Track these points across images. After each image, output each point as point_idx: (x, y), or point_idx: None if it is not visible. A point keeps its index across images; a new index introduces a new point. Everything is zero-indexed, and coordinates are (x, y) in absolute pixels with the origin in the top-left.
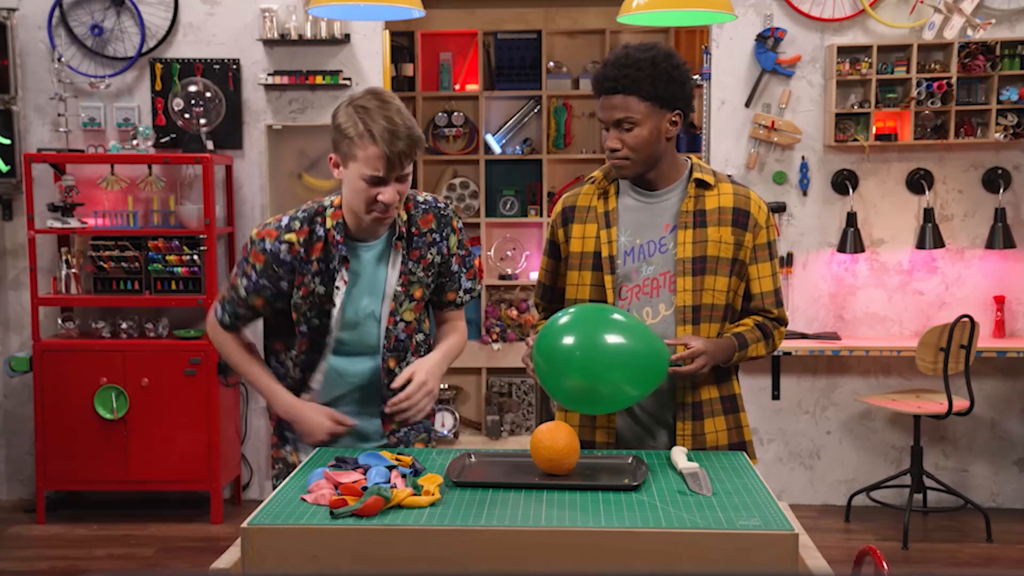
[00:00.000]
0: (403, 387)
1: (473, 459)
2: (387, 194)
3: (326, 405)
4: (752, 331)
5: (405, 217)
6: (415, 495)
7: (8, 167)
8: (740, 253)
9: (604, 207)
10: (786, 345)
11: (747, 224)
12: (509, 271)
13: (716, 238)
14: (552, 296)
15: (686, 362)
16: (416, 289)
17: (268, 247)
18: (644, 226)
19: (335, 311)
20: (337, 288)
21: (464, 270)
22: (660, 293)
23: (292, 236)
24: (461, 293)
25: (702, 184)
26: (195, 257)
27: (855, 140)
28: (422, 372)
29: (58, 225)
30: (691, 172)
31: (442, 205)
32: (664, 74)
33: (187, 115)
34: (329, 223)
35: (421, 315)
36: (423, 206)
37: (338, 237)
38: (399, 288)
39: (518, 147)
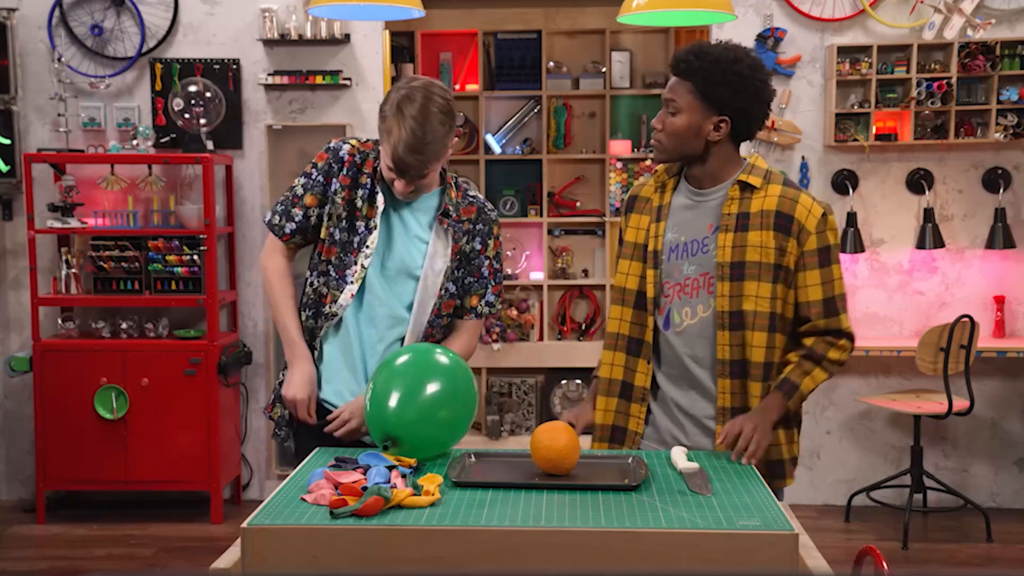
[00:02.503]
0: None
1: (473, 459)
2: (399, 185)
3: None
4: (797, 367)
5: (455, 199)
6: (415, 495)
7: (8, 167)
8: (784, 259)
9: (659, 201)
10: None
11: (790, 229)
12: (509, 271)
13: (757, 243)
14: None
15: (745, 450)
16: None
17: (333, 145)
18: (690, 224)
19: (371, 224)
20: (376, 207)
21: (493, 282)
22: (699, 294)
23: (355, 142)
24: (483, 303)
25: (747, 187)
26: (195, 257)
27: (855, 140)
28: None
29: (58, 225)
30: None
31: (489, 207)
32: (719, 74)
33: (187, 115)
34: None
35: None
36: (471, 198)
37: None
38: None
39: (518, 147)
